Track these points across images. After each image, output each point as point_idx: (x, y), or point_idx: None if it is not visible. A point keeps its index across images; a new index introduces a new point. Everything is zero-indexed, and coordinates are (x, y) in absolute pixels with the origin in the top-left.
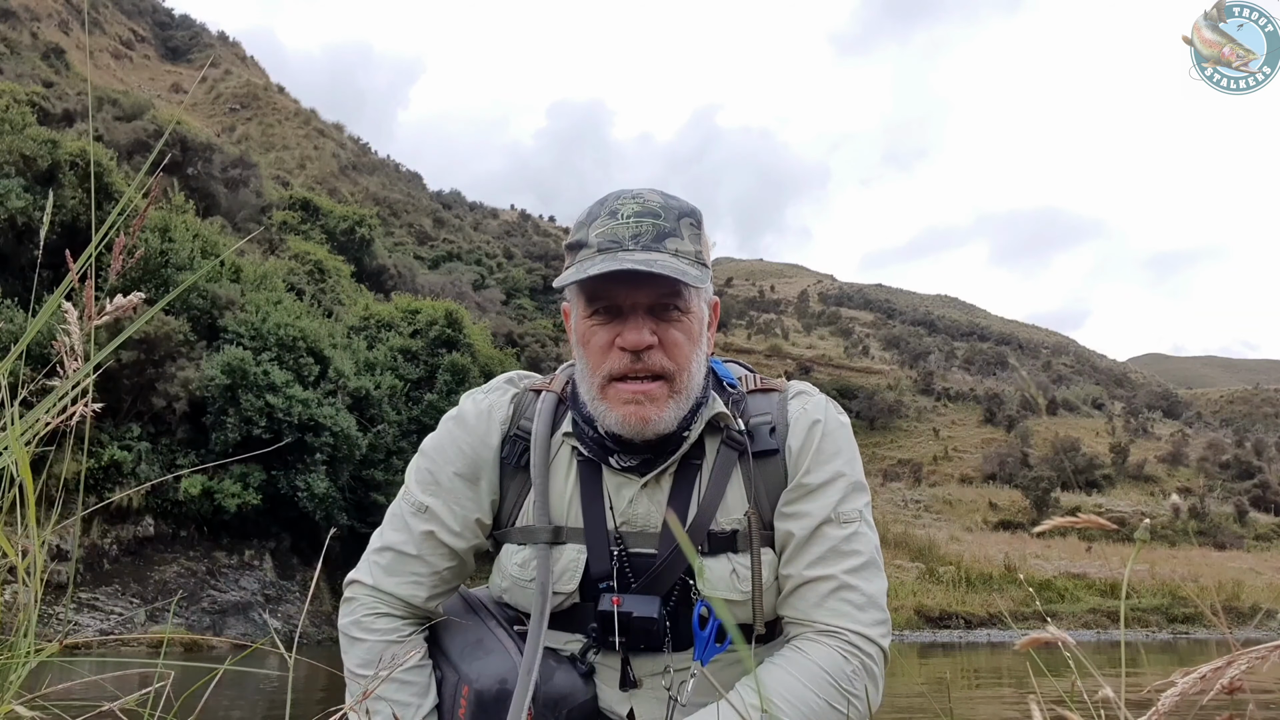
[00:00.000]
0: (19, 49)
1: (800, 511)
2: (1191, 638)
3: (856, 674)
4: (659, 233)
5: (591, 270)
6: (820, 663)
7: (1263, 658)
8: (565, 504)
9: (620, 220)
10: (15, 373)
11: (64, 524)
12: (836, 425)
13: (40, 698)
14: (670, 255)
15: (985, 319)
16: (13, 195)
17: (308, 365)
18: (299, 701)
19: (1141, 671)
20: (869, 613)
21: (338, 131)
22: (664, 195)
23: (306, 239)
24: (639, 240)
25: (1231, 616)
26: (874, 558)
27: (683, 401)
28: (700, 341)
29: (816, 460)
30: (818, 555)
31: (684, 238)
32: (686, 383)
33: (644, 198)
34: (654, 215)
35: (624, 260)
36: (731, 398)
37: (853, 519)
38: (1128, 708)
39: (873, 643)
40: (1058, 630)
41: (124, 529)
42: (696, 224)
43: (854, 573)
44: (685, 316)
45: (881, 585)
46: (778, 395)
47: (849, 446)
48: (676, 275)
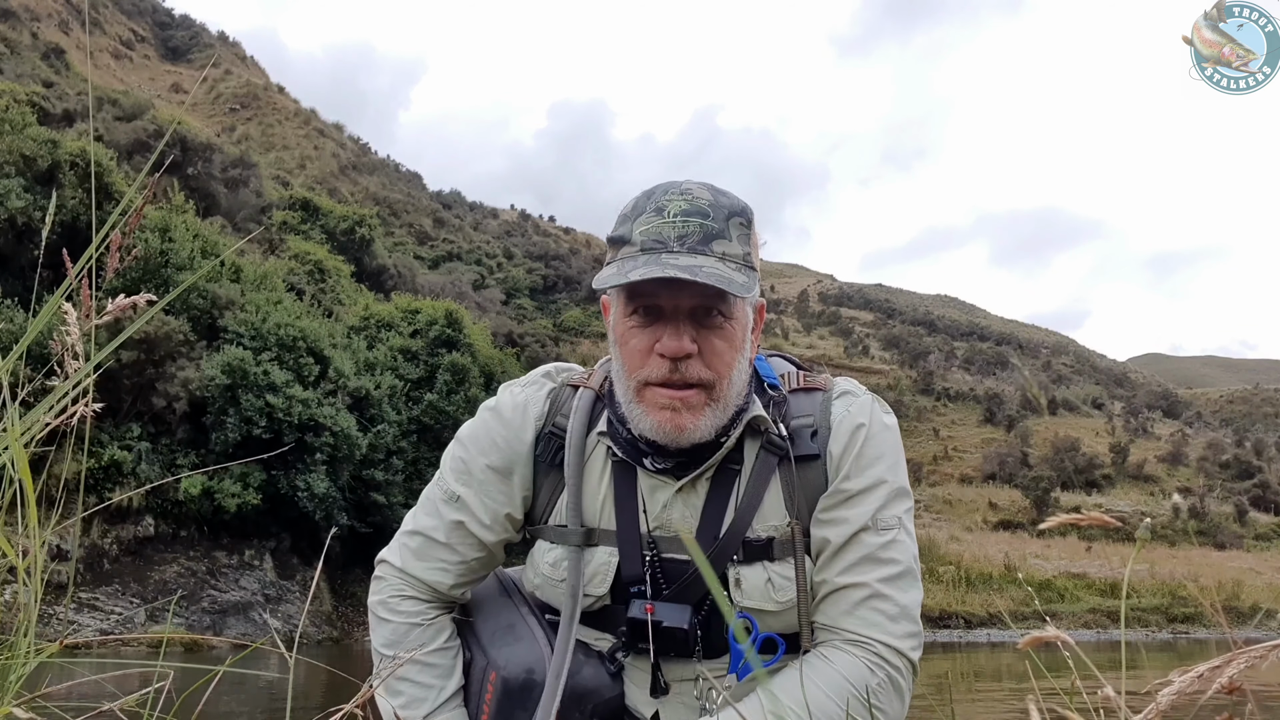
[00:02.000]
0: (19, 49)
1: (838, 518)
2: (1191, 637)
3: (882, 687)
4: (706, 234)
5: (633, 275)
6: (845, 673)
7: (1262, 656)
8: (598, 505)
9: (666, 219)
10: (15, 373)
11: (64, 524)
12: (881, 429)
13: (40, 698)
14: (716, 259)
15: (985, 319)
16: (13, 195)
17: (308, 365)
18: (299, 701)
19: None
20: (900, 624)
21: (338, 131)
22: (713, 191)
23: (306, 239)
24: (685, 241)
25: (1231, 616)
26: (911, 567)
27: (721, 410)
28: (743, 348)
29: (857, 466)
30: (852, 562)
31: (732, 239)
32: (726, 391)
33: (692, 194)
34: (702, 215)
35: (667, 265)
36: (772, 399)
37: (891, 526)
38: (1128, 708)
39: (902, 655)
40: (1058, 630)
41: (124, 529)
42: (746, 223)
43: (888, 581)
44: (728, 323)
45: (916, 596)
46: (821, 395)
47: (893, 451)
48: (720, 285)
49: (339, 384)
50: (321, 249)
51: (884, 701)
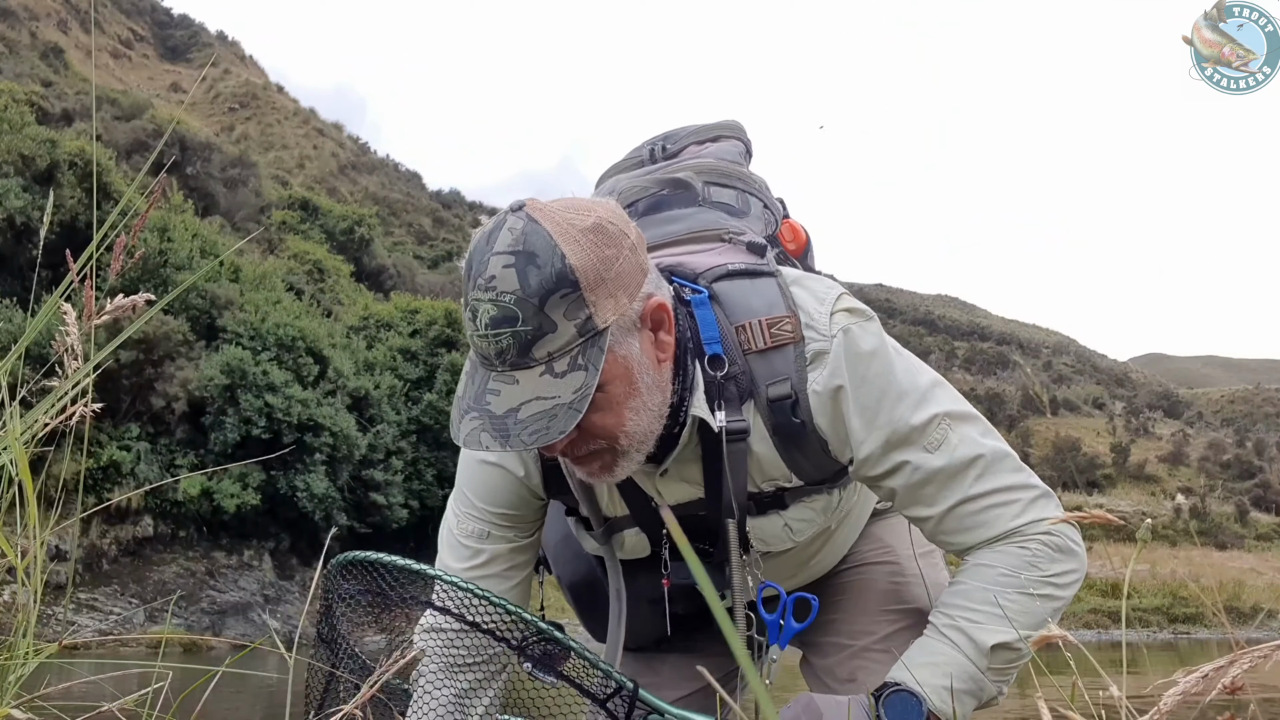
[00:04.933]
0: (18, 48)
1: (888, 471)
2: (1192, 638)
3: (1039, 555)
4: (522, 344)
5: (461, 434)
6: (995, 564)
7: (1265, 657)
8: (609, 500)
9: (480, 330)
10: (15, 373)
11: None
12: (863, 368)
13: (39, 698)
14: (541, 369)
15: (985, 319)
16: (11, 195)
17: (307, 365)
18: (299, 702)
19: (1143, 671)
20: (1017, 502)
21: (337, 131)
22: (522, 269)
23: (306, 239)
24: (504, 358)
25: (1232, 616)
26: (983, 448)
27: (635, 454)
28: (635, 393)
29: (865, 428)
30: (936, 492)
31: (558, 326)
32: (632, 442)
33: (497, 288)
34: (511, 321)
35: (486, 418)
36: (725, 375)
37: (940, 436)
38: (1131, 708)
39: (1039, 523)
40: (1060, 629)
41: (123, 529)
42: (572, 287)
43: (980, 479)
44: (600, 393)
45: (1011, 465)
46: (792, 351)
47: (885, 379)
48: (536, 438)
49: (338, 384)
50: (321, 249)
51: (1052, 566)
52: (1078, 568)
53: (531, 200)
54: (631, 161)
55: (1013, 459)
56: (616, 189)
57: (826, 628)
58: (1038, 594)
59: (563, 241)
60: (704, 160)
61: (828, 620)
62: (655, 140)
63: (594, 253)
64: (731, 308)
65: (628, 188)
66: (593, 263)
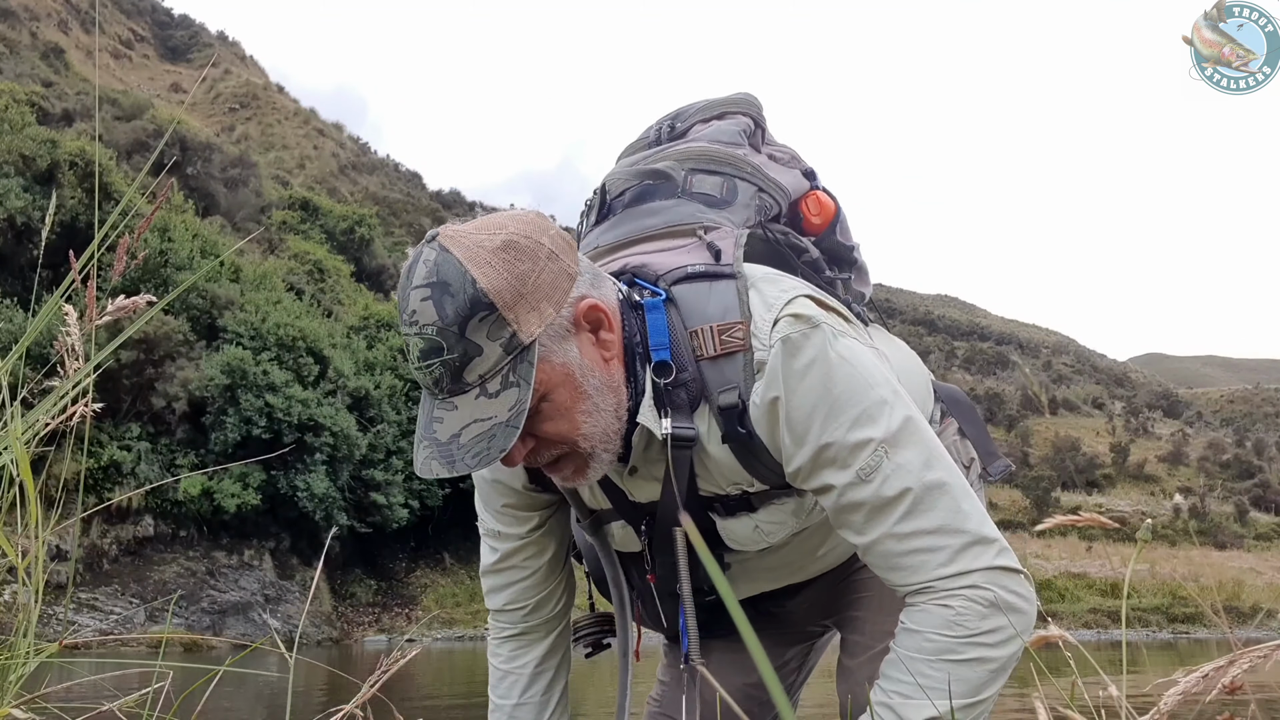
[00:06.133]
0: (18, 49)
1: (815, 491)
2: (1192, 637)
3: (964, 614)
4: (453, 372)
5: (418, 464)
6: (921, 628)
7: (1264, 657)
8: (592, 495)
9: (415, 364)
10: (15, 373)
11: (64, 524)
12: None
13: (40, 698)
14: (475, 392)
15: (985, 319)
16: (12, 195)
17: (307, 365)
18: (299, 702)
19: (1142, 671)
20: (941, 551)
21: (337, 131)
22: (437, 301)
23: (306, 239)
24: (441, 387)
25: (1232, 616)
26: (921, 484)
27: (602, 453)
28: (581, 396)
29: (793, 447)
30: (862, 522)
31: (484, 348)
32: (593, 442)
33: (419, 322)
34: (438, 350)
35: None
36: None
37: (873, 465)
38: (1130, 707)
39: (966, 574)
40: (1060, 629)
41: (123, 529)
42: (488, 309)
43: (907, 517)
44: (545, 403)
45: (946, 504)
46: (741, 359)
47: (819, 392)
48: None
49: (339, 384)
50: (321, 249)
51: (980, 624)
52: (1014, 622)
53: (444, 229)
54: (642, 142)
55: (950, 497)
56: (609, 178)
57: (854, 624)
58: (966, 658)
59: (473, 266)
60: (694, 145)
61: (853, 617)
62: (665, 119)
63: (506, 270)
64: (688, 312)
65: (615, 177)
66: (507, 281)
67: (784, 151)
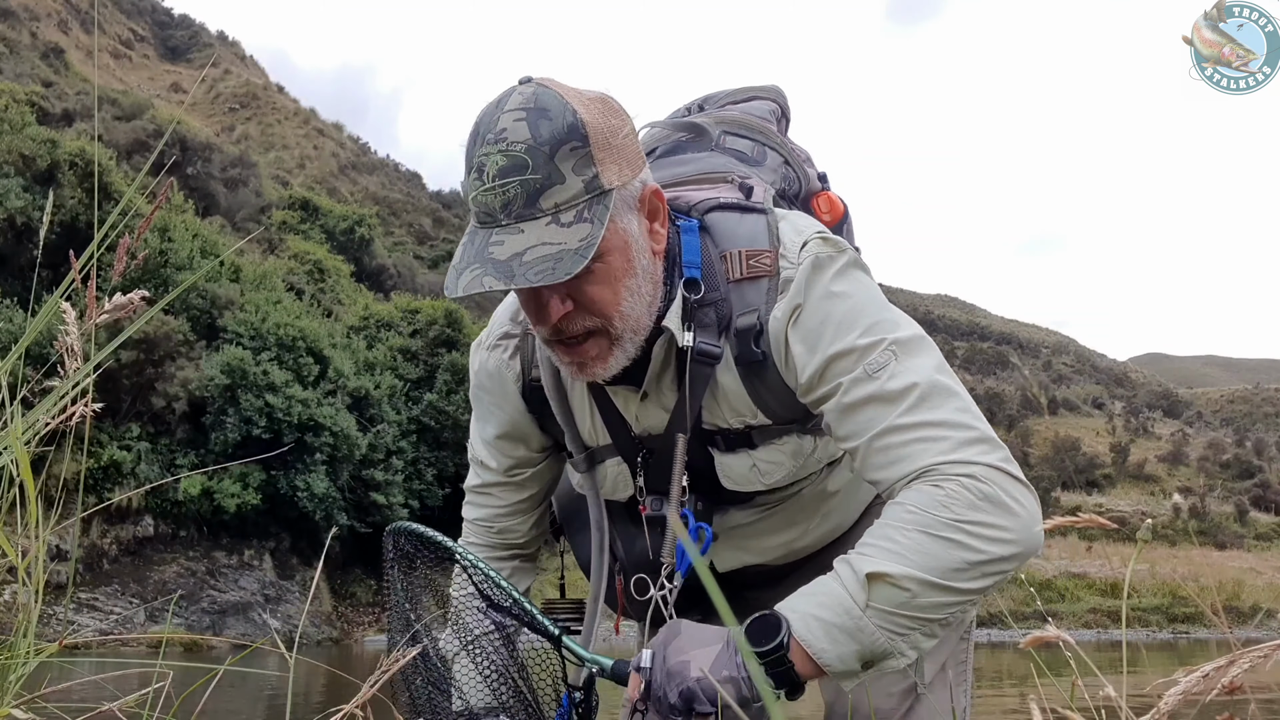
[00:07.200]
0: (18, 49)
1: (822, 398)
2: (1192, 638)
3: (954, 497)
4: (530, 193)
5: (460, 286)
6: (905, 501)
7: (1265, 657)
8: (591, 426)
9: (487, 183)
10: (15, 373)
11: (64, 524)
12: (817, 297)
13: (40, 698)
14: (548, 220)
15: (985, 319)
16: (12, 195)
17: (307, 365)
18: (299, 702)
19: (1142, 671)
20: (945, 440)
21: (337, 131)
22: (534, 120)
23: (306, 239)
24: (510, 209)
25: (1232, 616)
26: (930, 381)
27: (629, 342)
28: (631, 271)
29: (807, 355)
30: (866, 418)
31: (566, 177)
32: (624, 325)
33: (508, 139)
34: (520, 169)
35: (489, 264)
36: (702, 300)
37: (882, 362)
38: (1129, 707)
39: (966, 464)
40: (1059, 630)
41: (123, 529)
42: (582, 141)
43: (913, 409)
44: (599, 264)
45: (954, 404)
46: (766, 284)
47: (841, 301)
48: (542, 278)
49: (339, 384)
50: (321, 249)
51: (968, 513)
52: (1005, 524)
53: (538, 76)
54: (670, 122)
55: (959, 399)
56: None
57: None
58: (942, 535)
59: (573, 101)
60: (728, 112)
61: None
62: (694, 101)
63: (601, 117)
64: (719, 237)
65: (648, 137)
66: (600, 124)
67: (801, 151)
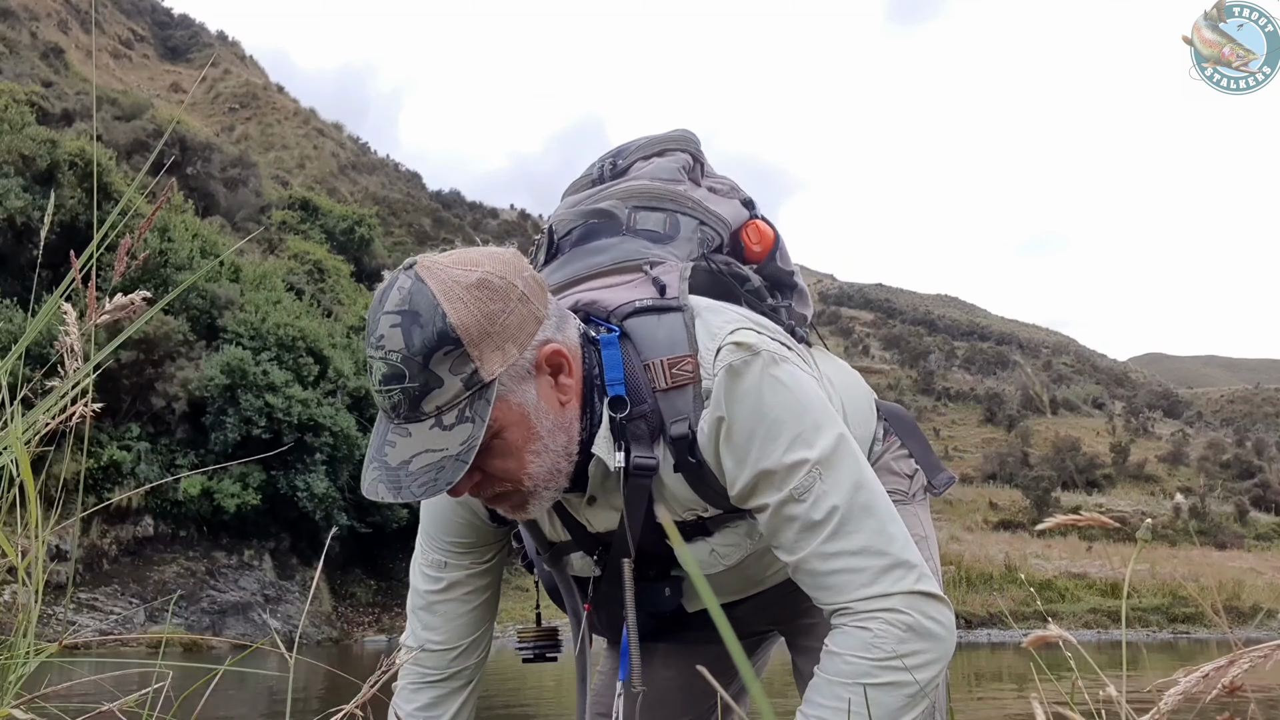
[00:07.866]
0: (18, 49)
1: (754, 509)
2: (1192, 638)
3: (881, 636)
4: (411, 399)
5: (365, 482)
6: (840, 650)
7: (1264, 657)
8: (552, 529)
9: (375, 386)
10: (15, 373)
11: (64, 524)
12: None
13: (40, 698)
14: (430, 423)
15: (985, 319)
16: (12, 195)
17: (307, 365)
18: (299, 702)
19: (1142, 671)
20: (863, 572)
21: (337, 131)
22: (406, 329)
23: (306, 239)
24: (398, 412)
25: (1232, 616)
26: (848, 504)
27: (545, 492)
28: (534, 436)
29: (735, 469)
30: (792, 539)
31: (444, 381)
32: (537, 482)
33: (385, 347)
34: (399, 378)
35: (382, 470)
36: (631, 415)
37: (806, 485)
38: (1130, 707)
39: (885, 597)
40: (1060, 629)
41: (123, 529)
42: (454, 344)
43: (834, 537)
44: (497, 439)
45: (871, 526)
46: (692, 391)
47: (758, 415)
48: (423, 489)
49: (339, 384)
50: (321, 248)
51: (898, 648)
52: (930, 648)
53: (423, 258)
54: (585, 180)
55: (876, 520)
56: (555, 218)
57: (809, 631)
58: (881, 682)
59: (445, 300)
60: (636, 184)
61: (808, 624)
62: (607, 156)
63: (477, 309)
64: (640, 345)
65: (561, 218)
66: (476, 319)
67: (723, 183)
